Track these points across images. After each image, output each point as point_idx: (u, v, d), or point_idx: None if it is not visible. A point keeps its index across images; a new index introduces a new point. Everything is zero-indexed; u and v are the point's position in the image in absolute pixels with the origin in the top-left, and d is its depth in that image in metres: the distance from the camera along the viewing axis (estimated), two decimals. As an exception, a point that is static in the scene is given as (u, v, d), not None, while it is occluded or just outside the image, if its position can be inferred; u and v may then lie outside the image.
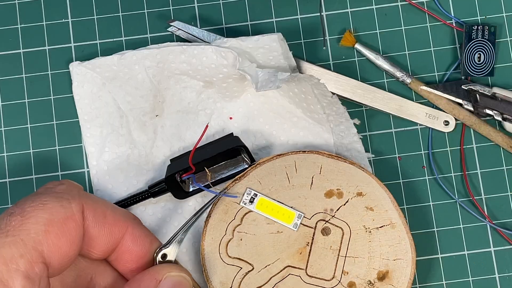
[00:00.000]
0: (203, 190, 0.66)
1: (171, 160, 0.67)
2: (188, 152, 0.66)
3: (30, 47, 0.70)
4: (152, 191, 0.66)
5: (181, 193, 0.66)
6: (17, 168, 0.69)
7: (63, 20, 0.71)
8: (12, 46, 0.70)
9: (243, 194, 0.64)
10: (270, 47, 0.65)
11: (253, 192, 0.64)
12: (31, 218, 0.53)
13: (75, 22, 0.70)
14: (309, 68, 0.68)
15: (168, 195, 0.66)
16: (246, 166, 0.66)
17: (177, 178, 0.65)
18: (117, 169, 0.68)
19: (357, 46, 0.69)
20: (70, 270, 0.58)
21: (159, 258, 0.59)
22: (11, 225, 0.53)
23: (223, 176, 0.66)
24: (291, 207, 0.63)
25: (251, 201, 0.63)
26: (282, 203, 0.63)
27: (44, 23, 0.70)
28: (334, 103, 0.65)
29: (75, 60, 0.69)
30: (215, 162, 0.66)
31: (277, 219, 0.63)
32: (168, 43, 0.67)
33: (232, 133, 0.68)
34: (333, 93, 0.65)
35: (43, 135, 0.69)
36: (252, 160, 0.65)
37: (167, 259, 0.60)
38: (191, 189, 0.66)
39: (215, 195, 0.63)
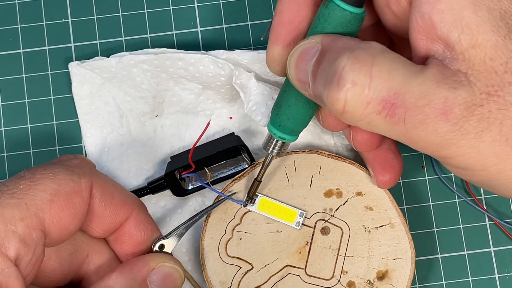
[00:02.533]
0: (202, 189, 0.66)
1: (171, 157, 0.67)
2: (188, 150, 0.66)
3: (30, 47, 0.70)
4: (151, 187, 0.66)
5: (180, 191, 0.66)
6: (17, 168, 0.69)
7: (63, 20, 0.71)
8: (12, 46, 0.70)
9: (245, 195, 0.64)
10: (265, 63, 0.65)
11: (253, 200, 0.64)
12: (39, 185, 0.53)
13: (75, 22, 0.70)
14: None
15: (168, 194, 0.66)
16: (246, 166, 0.66)
17: (177, 176, 0.65)
18: (117, 169, 0.68)
19: None
20: (68, 244, 0.58)
21: (156, 247, 0.59)
22: (18, 188, 0.53)
23: (223, 175, 0.66)
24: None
25: (253, 202, 0.63)
26: (284, 202, 0.63)
27: (44, 23, 0.70)
28: None
29: (75, 60, 0.69)
30: (216, 160, 0.66)
31: (280, 218, 0.63)
32: (165, 49, 0.66)
33: (233, 133, 0.68)
34: None
35: (43, 135, 0.69)
36: (252, 160, 0.65)
37: (164, 250, 0.60)
38: (190, 187, 0.66)
39: (218, 194, 0.63)
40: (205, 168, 0.65)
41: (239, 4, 0.71)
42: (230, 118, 0.69)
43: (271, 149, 0.59)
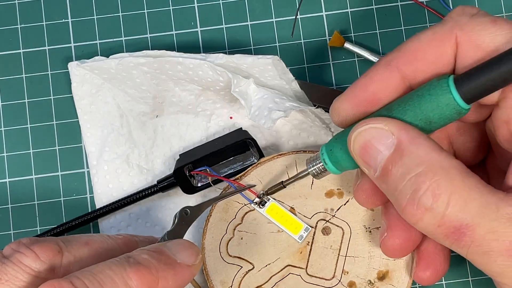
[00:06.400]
0: (211, 186, 0.66)
1: (180, 154, 0.67)
2: (197, 147, 0.67)
3: (30, 47, 0.70)
4: (161, 185, 0.66)
5: (190, 188, 0.66)
6: (17, 168, 0.69)
7: (63, 20, 0.71)
8: (12, 46, 0.70)
9: (257, 195, 0.64)
10: (265, 68, 0.65)
11: (266, 196, 0.64)
12: None
13: (75, 22, 0.70)
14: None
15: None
16: (255, 160, 0.65)
17: (186, 172, 0.65)
18: (117, 169, 0.68)
19: (346, 45, 0.69)
20: None
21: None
22: None
23: (232, 171, 0.66)
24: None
25: (263, 204, 0.63)
26: (293, 214, 0.63)
27: (44, 23, 0.70)
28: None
29: (75, 60, 0.69)
30: (224, 156, 0.66)
31: (285, 227, 0.63)
32: (164, 51, 0.66)
33: (241, 128, 0.67)
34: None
35: (43, 135, 0.69)
36: (261, 154, 0.65)
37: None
38: (199, 185, 0.66)
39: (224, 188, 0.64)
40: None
41: (239, 4, 0.71)
42: (231, 118, 0.69)
43: (311, 165, 0.57)
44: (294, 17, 0.70)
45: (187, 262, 0.54)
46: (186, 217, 0.59)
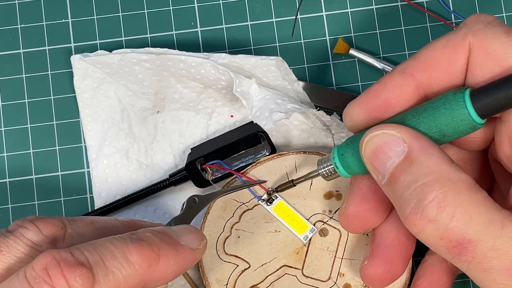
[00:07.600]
0: (224, 178, 0.66)
1: (191, 148, 0.67)
2: (208, 141, 0.67)
3: (30, 47, 0.70)
4: (173, 179, 0.66)
5: (202, 181, 0.66)
6: (17, 168, 0.69)
7: (63, 20, 0.71)
8: (12, 46, 0.70)
9: (264, 193, 0.64)
10: (268, 69, 0.65)
11: (274, 193, 0.64)
12: None
13: (75, 22, 0.71)
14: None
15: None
16: (267, 153, 0.66)
17: (198, 166, 0.65)
18: (116, 163, 0.68)
19: (351, 52, 0.69)
20: None
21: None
22: None
23: (244, 164, 0.66)
24: (307, 219, 0.63)
25: (270, 202, 0.63)
26: (301, 214, 0.63)
27: (44, 23, 0.71)
28: (334, 120, 0.65)
29: (75, 61, 0.69)
30: (236, 149, 0.66)
31: (290, 226, 0.63)
32: (166, 49, 0.66)
33: (252, 121, 0.67)
34: (331, 110, 0.65)
35: (43, 135, 0.69)
36: (273, 147, 0.65)
37: None
38: (211, 178, 0.66)
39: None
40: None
41: (239, 4, 0.71)
42: (231, 116, 0.69)
43: (321, 167, 0.57)
44: (294, 17, 0.70)
45: (190, 245, 0.53)
46: (194, 205, 0.59)
